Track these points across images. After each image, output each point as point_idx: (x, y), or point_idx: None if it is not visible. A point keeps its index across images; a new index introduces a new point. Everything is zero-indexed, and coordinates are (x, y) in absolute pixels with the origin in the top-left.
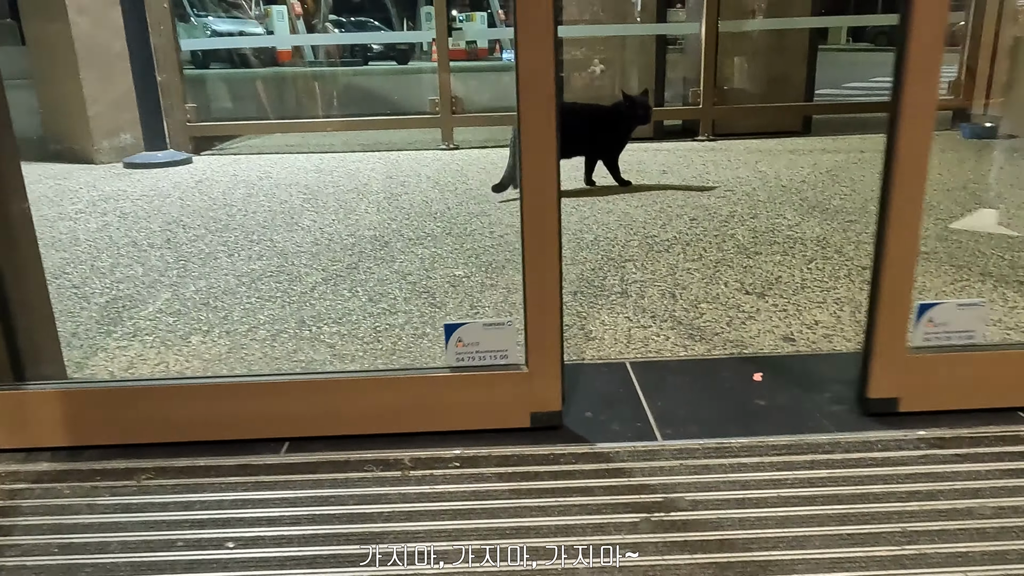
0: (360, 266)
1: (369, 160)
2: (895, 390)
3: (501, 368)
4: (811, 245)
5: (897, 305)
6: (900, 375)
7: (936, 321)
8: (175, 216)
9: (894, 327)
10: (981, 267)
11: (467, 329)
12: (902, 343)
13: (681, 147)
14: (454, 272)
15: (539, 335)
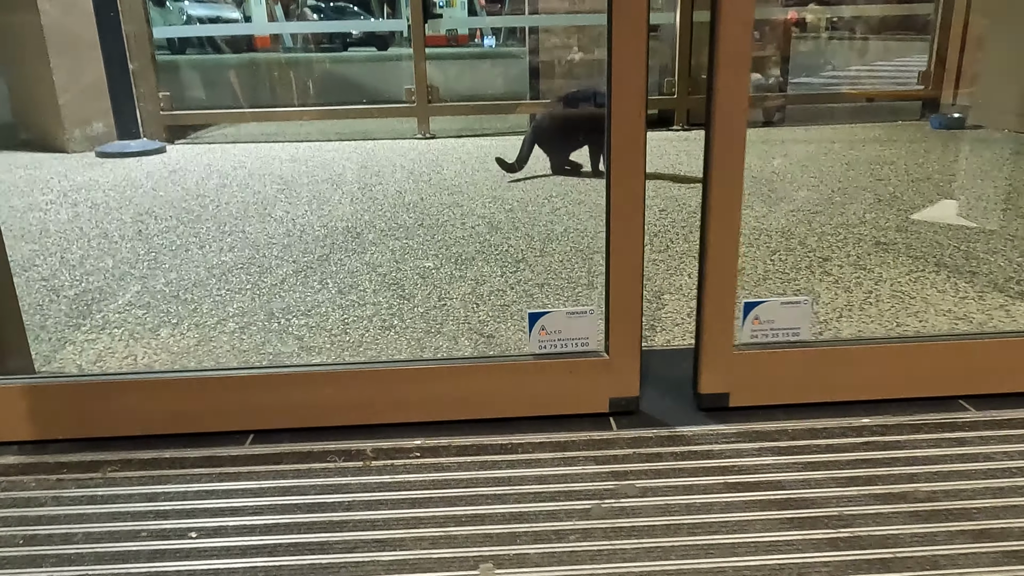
0: (331, 258)
1: (345, 150)
2: (724, 386)
3: (582, 356)
4: (776, 237)
5: (722, 303)
6: (728, 371)
7: (762, 319)
8: (147, 207)
9: (720, 324)
10: (937, 258)
11: (551, 317)
12: (729, 340)
13: (655, 136)
14: (424, 264)
15: (621, 323)
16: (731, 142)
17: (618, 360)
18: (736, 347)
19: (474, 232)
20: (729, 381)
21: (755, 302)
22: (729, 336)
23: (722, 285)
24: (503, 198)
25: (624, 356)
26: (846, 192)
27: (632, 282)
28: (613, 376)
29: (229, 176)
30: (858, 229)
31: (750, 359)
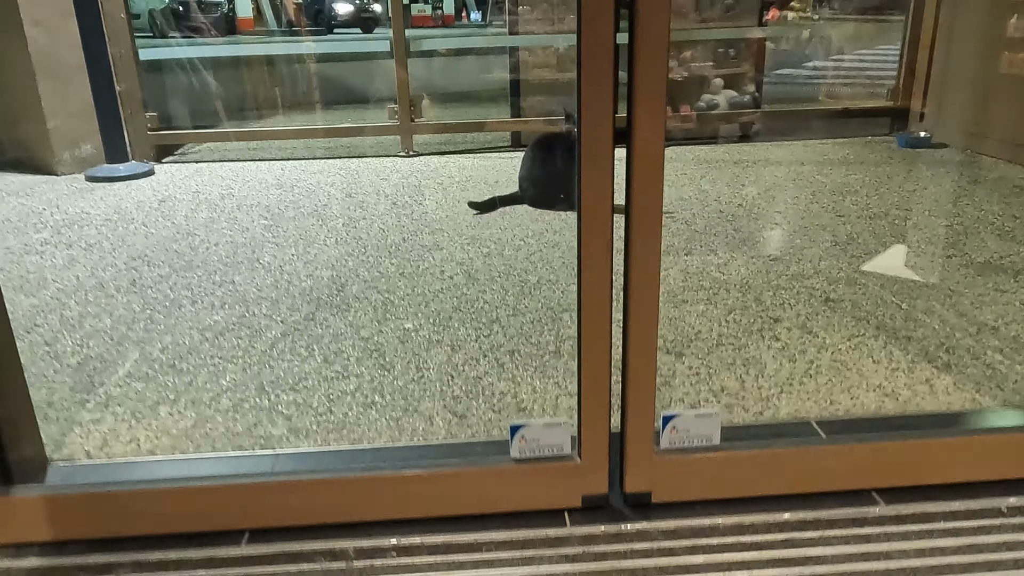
0: (317, 316)
1: (329, 171)
2: (647, 485)
3: (557, 460)
4: (734, 291)
5: (643, 417)
6: (650, 472)
7: (679, 428)
8: (139, 250)
9: (642, 434)
10: (879, 319)
11: (529, 429)
12: (650, 446)
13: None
14: (404, 325)
15: (591, 430)
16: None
17: (589, 462)
18: (656, 452)
19: (451, 284)
20: (652, 481)
21: (671, 415)
22: (649, 443)
23: (643, 402)
24: (481, 238)
25: (594, 458)
26: (807, 232)
27: (600, 396)
28: (585, 477)
29: (217, 207)
30: (811, 281)
31: (670, 462)
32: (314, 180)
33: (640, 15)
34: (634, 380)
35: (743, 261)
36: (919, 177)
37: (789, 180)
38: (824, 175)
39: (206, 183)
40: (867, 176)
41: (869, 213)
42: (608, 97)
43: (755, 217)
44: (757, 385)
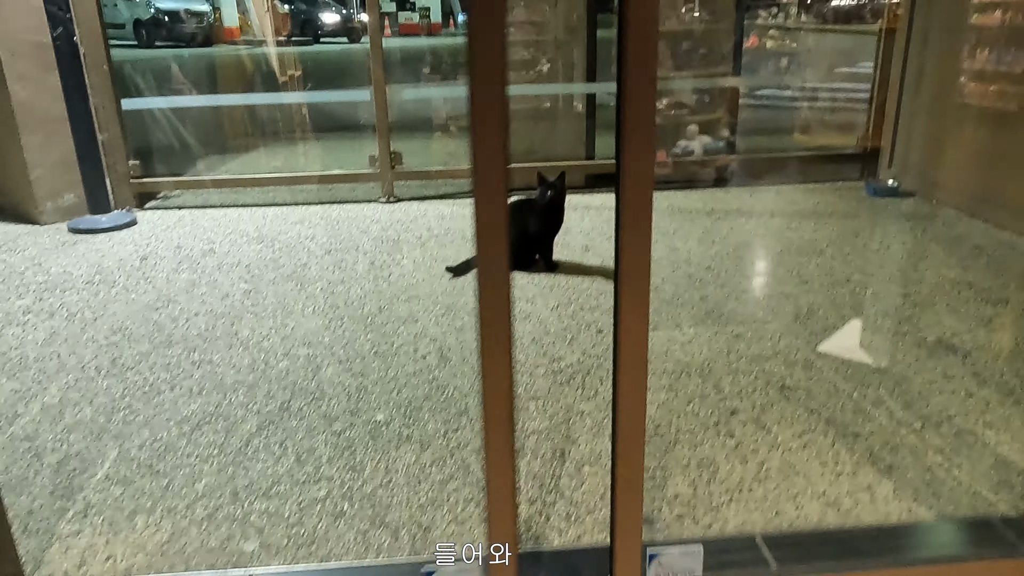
0: (292, 406)
1: (310, 219)
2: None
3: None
4: (695, 376)
5: (630, 553)
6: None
7: (664, 564)
8: (120, 321)
9: (629, 569)
10: (830, 411)
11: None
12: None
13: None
14: (376, 417)
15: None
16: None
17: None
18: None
19: (424, 365)
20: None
21: (656, 553)
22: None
23: (630, 541)
24: (455, 308)
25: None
26: (770, 303)
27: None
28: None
29: (198, 267)
30: (770, 364)
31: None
32: (294, 232)
33: (629, 60)
34: (621, 519)
35: (707, 338)
36: (884, 234)
37: (758, 236)
38: (792, 229)
39: (187, 236)
40: (833, 232)
41: (832, 279)
42: (500, 155)
43: (722, 283)
44: (708, 492)
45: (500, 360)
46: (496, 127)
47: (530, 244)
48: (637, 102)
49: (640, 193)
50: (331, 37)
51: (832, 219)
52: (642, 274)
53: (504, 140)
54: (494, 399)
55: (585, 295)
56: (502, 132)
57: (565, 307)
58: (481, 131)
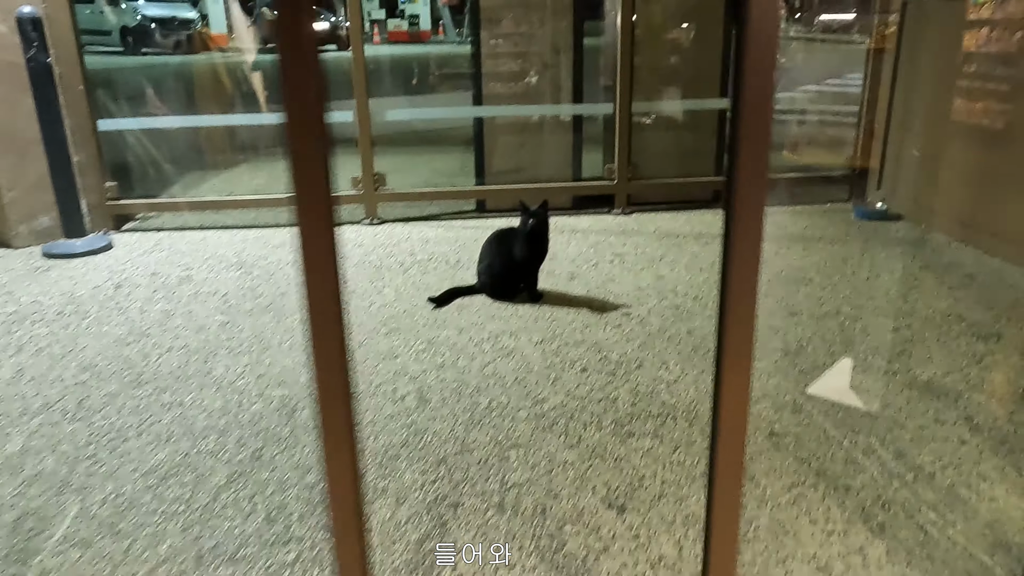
0: (264, 455)
1: (292, 243)
2: None
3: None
4: (681, 421)
5: None
6: None
7: None
8: (90, 357)
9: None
10: (820, 461)
11: None
12: None
13: (595, 225)
14: None
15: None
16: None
17: None
18: None
19: (402, 407)
20: None
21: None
22: None
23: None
24: (436, 342)
25: None
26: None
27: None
28: None
29: (173, 296)
30: (758, 408)
31: None
32: (275, 257)
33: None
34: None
35: (693, 377)
36: (872, 262)
37: None
38: (781, 256)
39: (164, 261)
40: (821, 259)
41: (821, 311)
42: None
43: (709, 315)
44: (694, 552)
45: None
46: (316, 161)
47: (513, 274)
48: (752, 117)
49: (751, 213)
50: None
51: (820, 244)
52: (746, 334)
53: (325, 170)
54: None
55: (570, 328)
56: (322, 164)
57: (549, 342)
58: (300, 164)
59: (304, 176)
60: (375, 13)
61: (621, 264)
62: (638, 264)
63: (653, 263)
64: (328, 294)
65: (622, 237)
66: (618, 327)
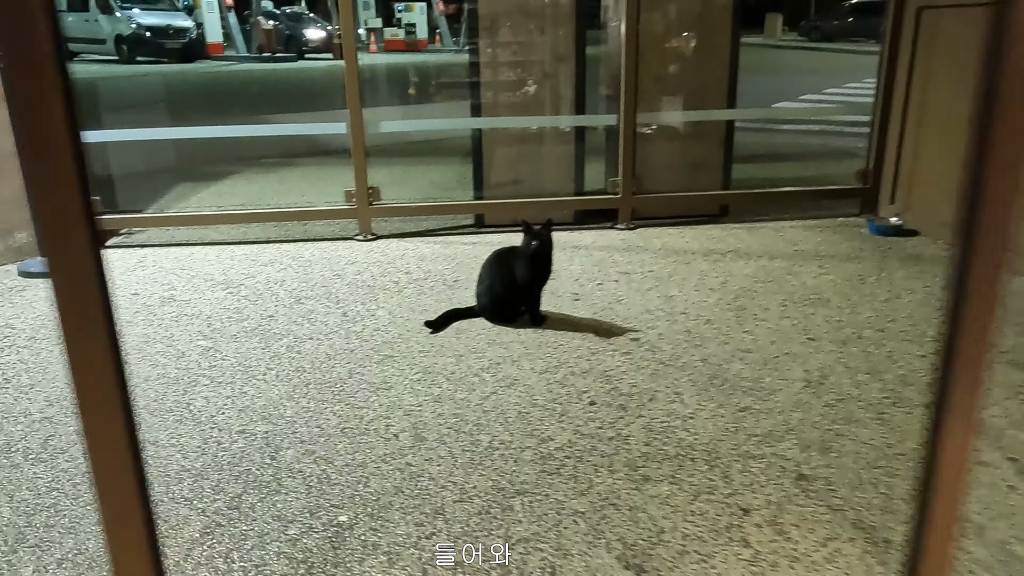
0: (243, 503)
1: (281, 261)
2: None
3: None
4: (700, 463)
5: None
6: None
7: None
8: (60, 388)
9: None
10: (856, 510)
11: None
12: None
13: (599, 241)
14: (338, 518)
15: None
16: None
17: None
18: None
19: (396, 447)
20: None
21: None
22: None
23: None
24: (433, 371)
25: None
26: (777, 366)
27: None
28: None
29: (155, 318)
30: (783, 446)
31: None
32: (263, 276)
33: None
34: None
35: (711, 412)
36: (891, 281)
37: (759, 282)
38: (794, 274)
39: (147, 280)
40: (838, 278)
41: (841, 336)
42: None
43: (723, 340)
44: None
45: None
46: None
47: (515, 297)
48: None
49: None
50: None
51: (835, 261)
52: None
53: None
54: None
55: (575, 355)
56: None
57: (554, 371)
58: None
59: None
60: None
61: (628, 283)
62: (645, 284)
63: (661, 282)
64: (91, 328)
65: (627, 254)
66: (627, 354)
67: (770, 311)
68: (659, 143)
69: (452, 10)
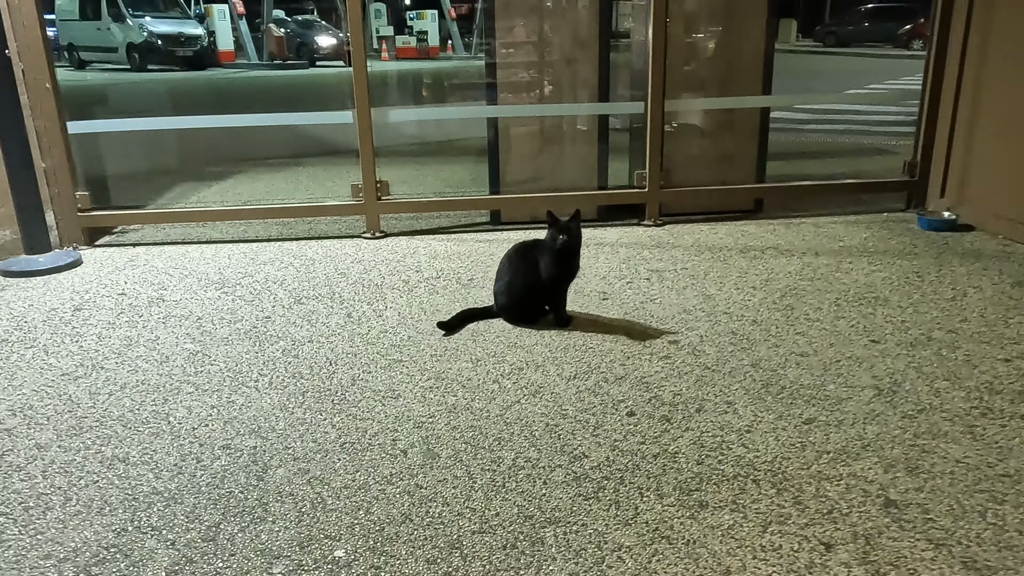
0: (221, 533)
1: (282, 259)
2: None
3: None
4: (765, 485)
5: None
6: None
7: None
8: (25, 396)
9: None
10: (963, 544)
11: None
12: None
13: (625, 238)
14: (335, 553)
15: None
16: None
17: None
18: None
19: (404, 465)
20: None
21: None
22: None
23: None
24: (446, 377)
25: None
26: (840, 371)
27: None
28: None
29: (140, 320)
30: (862, 465)
31: None
32: (261, 275)
33: None
34: None
35: (769, 424)
36: (954, 277)
37: (805, 279)
38: (843, 271)
39: (137, 279)
40: (893, 275)
41: (908, 337)
42: None
43: (775, 342)
44: None
45: None
46: None
47: (537, 295)
48: None
49: None
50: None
51: (887, 258)
52: None
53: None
54: None
55: (608, 360)
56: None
57: (584, 377)
58: None
59: None
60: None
61: (660, 282)
62: (680, 281)
63: (697, 280)
64: None
65: (657, 251)
66: (666, 359)
67: (822, 311)
68: (688, 135)
69: (465, 10)
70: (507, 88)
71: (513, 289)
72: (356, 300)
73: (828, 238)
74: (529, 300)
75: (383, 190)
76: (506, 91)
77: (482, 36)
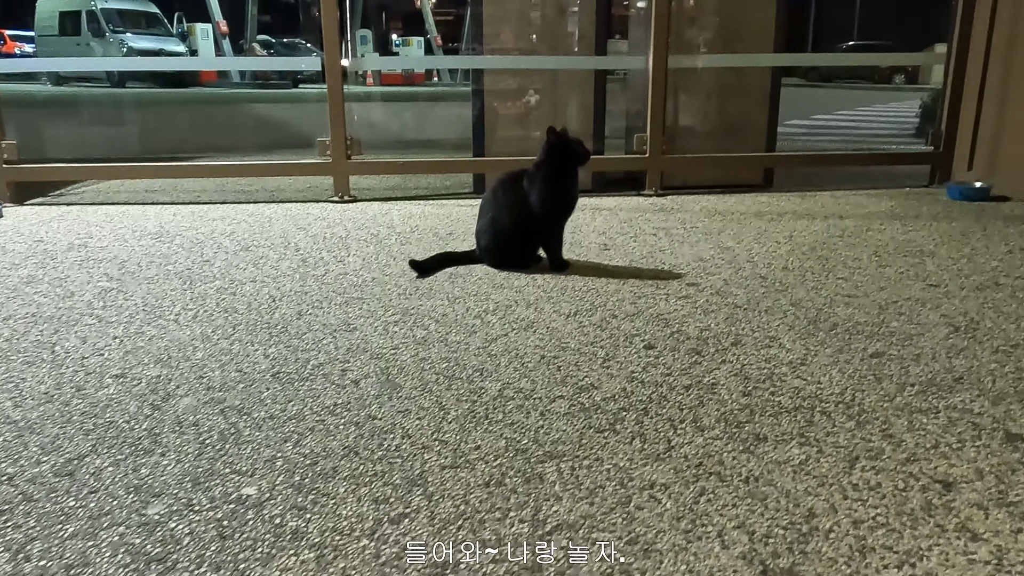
0: (82, 468)
1: (235, 216)
2: None
3: None
4: (838, 416)
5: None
6: None
7: None
8: None
9: None
10: None
11: None
12: None
13: (624, 204)
14: (241, 490)
15: None
16: None
17: None
18: None
19: (353, 395)
20: None
21: None
22: None
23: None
24: (416, 313)
25: None
26: (901, 309)
27: None
28: None
29: (50, 263)
30: (962, 397)
31: None
32: (207, 228)
33: None
34: None
35: (829, 357)
36: (1004, 236)
37: (834, 236)
38: (877, 230)
39: (60, 230)
40: (934, 233)
41: (972, 283)
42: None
43: (814, 286)
44: None
45: None
46: None
47: (529, 233)
48: None
49: None
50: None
51: (921, 221)
52: None
53: None
54: None
55: (615, 299)
56: None
57: (587, 314)
58: None
59: None
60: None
61: (668, 237)
62: (691, 236)
63: (711, 236)
64: None
65: (661, 215)
66: (686, 298)
67: (862, 261)
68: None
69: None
70: (492, 39)
71: (498, 226)
72: (314, 248)
73: (851, 206)
74: (518, 239)
75: (354, 148)
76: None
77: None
